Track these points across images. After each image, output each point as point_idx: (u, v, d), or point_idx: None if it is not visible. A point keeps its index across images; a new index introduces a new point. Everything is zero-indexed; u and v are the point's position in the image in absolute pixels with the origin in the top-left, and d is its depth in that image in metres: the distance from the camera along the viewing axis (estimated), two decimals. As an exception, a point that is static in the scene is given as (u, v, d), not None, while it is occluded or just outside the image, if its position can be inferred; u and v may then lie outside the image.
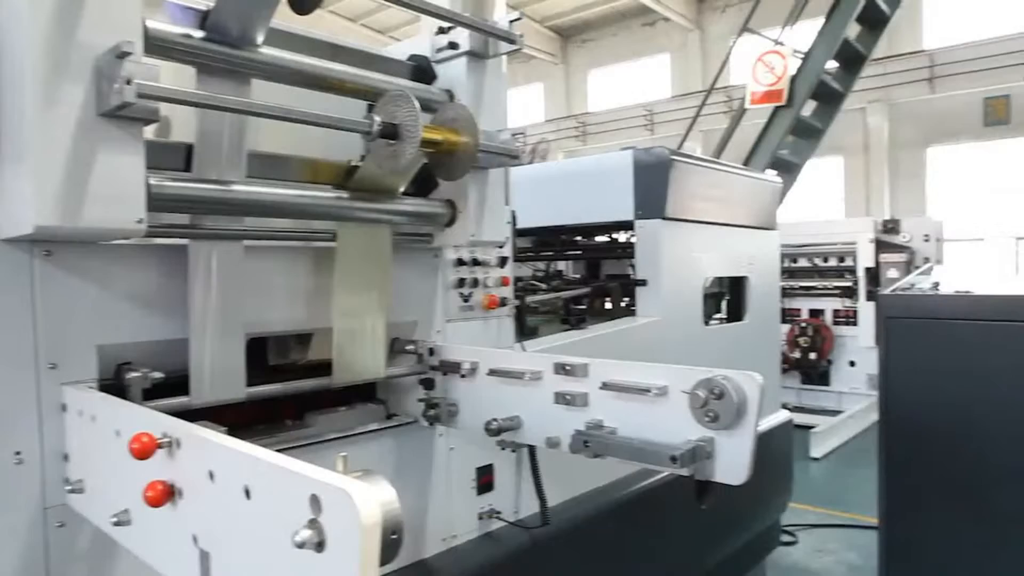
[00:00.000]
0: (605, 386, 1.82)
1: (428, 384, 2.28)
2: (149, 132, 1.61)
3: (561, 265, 4.95)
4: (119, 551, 1.75)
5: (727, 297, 4.58)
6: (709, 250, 4.00)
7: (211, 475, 1.15)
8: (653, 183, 3.63)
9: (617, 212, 3.75)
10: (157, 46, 1.64)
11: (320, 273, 2.13)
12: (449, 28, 2.29)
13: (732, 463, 1.59)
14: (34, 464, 1.65)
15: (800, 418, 6.76)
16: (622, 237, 4.41)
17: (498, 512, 2.70)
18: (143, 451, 1.23)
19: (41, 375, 1.65)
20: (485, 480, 2.67)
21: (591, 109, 23.62)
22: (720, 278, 4.45)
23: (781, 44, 8.41)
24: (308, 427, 2.26)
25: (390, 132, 1.83)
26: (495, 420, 2.03)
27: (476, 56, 2.29)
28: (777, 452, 4.57)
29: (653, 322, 3.57)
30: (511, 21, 2.22)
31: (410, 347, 2.31)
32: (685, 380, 1.68)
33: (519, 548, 2.72)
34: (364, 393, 2.43)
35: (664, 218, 3.61)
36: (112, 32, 1.48)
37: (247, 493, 1.07)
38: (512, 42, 2.23)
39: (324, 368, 2.15)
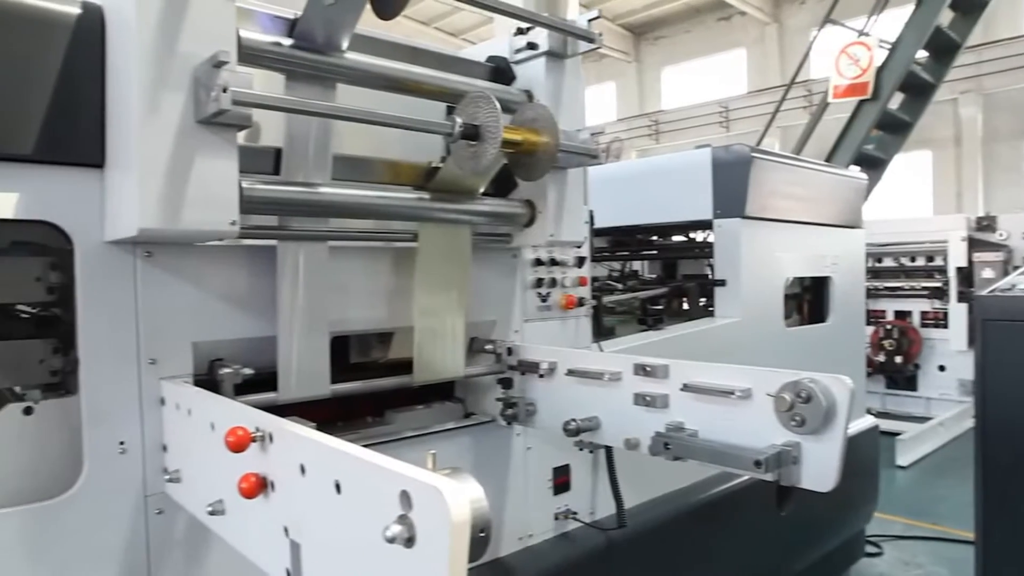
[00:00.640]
0: (686, 388, 1.80)
1: (506, 383, 2.29)
2: (240, 137, 1.67)
3: (636, 265, 4.90)
4: (213, 539, 1.83)
5: (809, 298, 4.44)
6: (790, 249, 3.89)
7: (302, 469, 1.18)
8: (732, 181, 3.56)
9: (695, 211, 3.68)
10: (249, 55, 1.70)
11: (400, 273, 2.18)
12: (528, 29, 2.30)
13: (819, 469, 1.54)
14: (136, 454, 1.74)
15: (885, 424, 6.48)
16: (699, 236, 4.34)
17: (574, 513, 2.70)
18: (238, 444, 1.28)
19: (142, 370, 1.74)
20: (561, 480, 2.67)
21: (664, 107, 23.28)
22: (802, 278, 4.32)
23: (866, 35, 8.08)
24: (388, 424, 2.31)
25: (471, 133, 1.85)
26: (573, 420, 2.02)
27: (555, 56, 2.29)
28: (863, 459, 4.41)
29: (732, 323, 3.49)
30: (589, 20, 2.22)
31: (489, 347, 2.32)
32: (770, 383, 1.63)
33: (595, 549, 2.70)
34: (442, 392, 2.47)
35: (744, 217, 3.53)
36: (209, 43, 1.54)
37: (337, 487, 1.09)
38: (591, 41, 2.22)
39: (403, 367, 2.19)
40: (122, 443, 1.73)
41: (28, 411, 1.70)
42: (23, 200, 1.61)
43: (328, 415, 2.18)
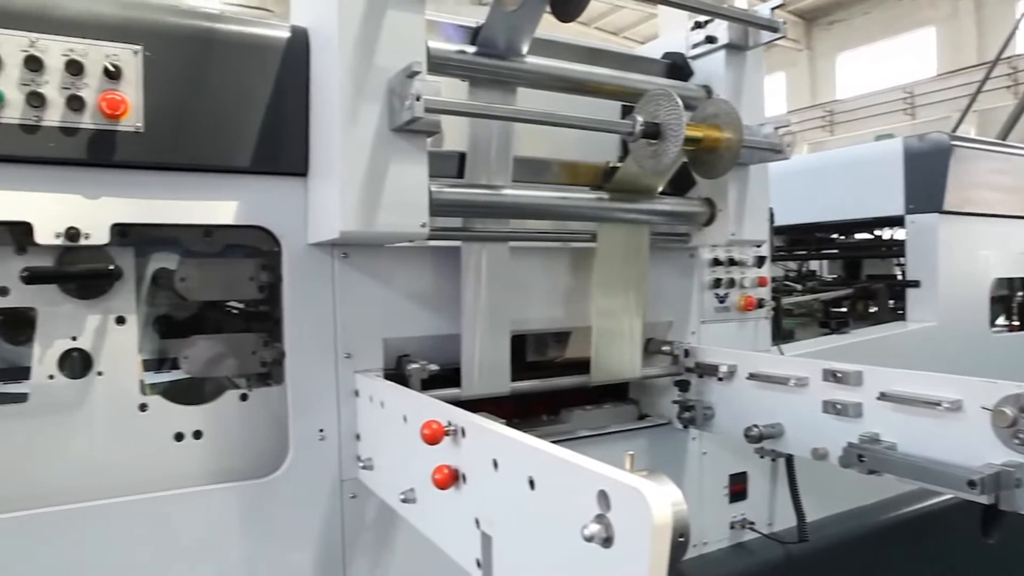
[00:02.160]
0: (883, 396, 1.67)
1: (683, 386, 2.24)
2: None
3: (814, 265, 4.63)
4: (401, 524, 1.93)
5: (1021, 300, 3.98)
6: (997, 247, 3.51)
7: (495, 464, 1.21)
8: (928, 173, 3.27)
9: (883, 207, 3.42)
10: (437, 64, 1.78)
11: (578, 273, 2.19)
12: (706, 22, 2.23)
13: (1049, 495, 1.38)
14: (333, 441, 1.87)
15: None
16: (887, 234, 4.02)
17: (751, 523, 2.59)
18: (433, 437, 1.33)
19: (339, 363, 1.87)
20: (738, 488, 2.57)
21: (839, 96, 21.82)
22: (1010, 279, 3.88)
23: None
24: (563, 423, 2.33)
25: (652, 132, 1.82)
26: (755, 427, 1.94)
27: (735, 48, 2.21)
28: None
29: (928, 328, 3.21)
30: (772, 8, 2.12)
31: (665, 348, 2.28)
32: (986, 394, 1.49)
33: (773, 562, 2.58)
34: (616, 392, 2.46)
35: (942, 212, 3.23)
36: (402, 55, 1.63)
37: (531, 484, 1.11)
38: (774, 30, 2.12)
39: (579, 366, 2.20)
40: (321, 431, 1.86)
41: (244, 398, 1.88)
42: (241, 207, 1.79)
43: (504, 412, 2.24)
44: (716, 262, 2.50)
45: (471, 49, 1.86)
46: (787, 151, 2.14)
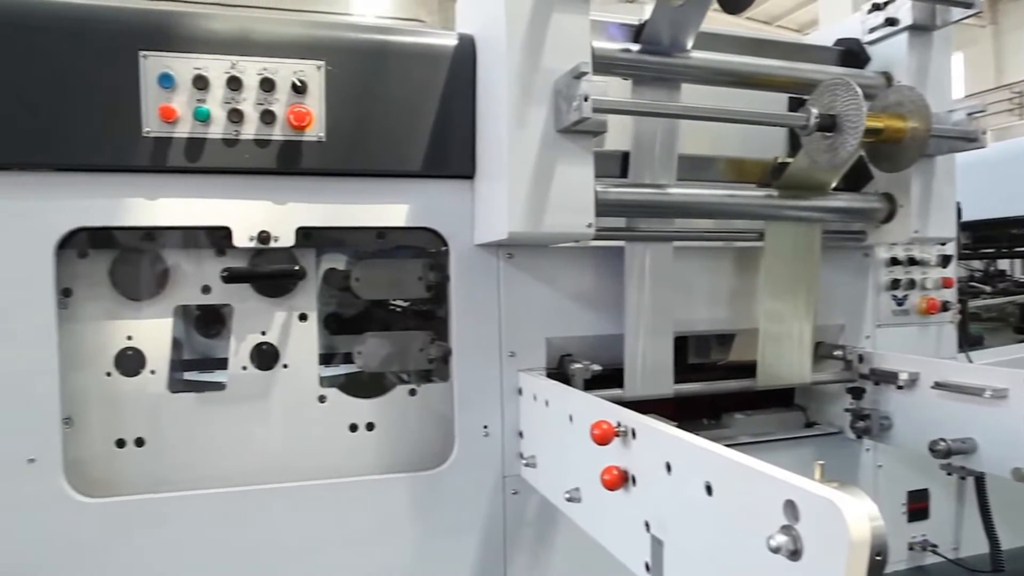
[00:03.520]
0: (1103, 413, 1.49)
1: (857, 393, 2.11)
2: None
3: (1003, 264, 4.20)
4: (561, 522, 1.95)
5: None
6: None
7: (668, 467, 1.19)
8: None
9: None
10: (601, 63, 1.77)
11: (742, 273, 2.12)
12: (886, 3, 2.08)
13: None
14: (496, 437, 1.92)
15: None
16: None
17: (933, 545, 2.39)
18: (603, 437, 1.33)
19: (503, 362, 1.91)
20: (918, 506, 2.38)
21: (1030, 76, 19.68)
22: None
23: None
24: (724, 428, 2.26)
25: (828, 124, 1.72)
26: (943, 440, 1.79)
27: (919, 29, 2.04)
28: None
29: None
30: (967, -20, 1.94)
31: (837, 352, 2.16)
32: None
33: (960, 590, 2.37)
34: (781, 397, 2.35)
35: None
36: (568, 56, 1.64)
37: (708, 489, 1.08)
38: (968, 5, 1.94)
39: (742, 369, 2.13)
40: (485, 427, 1.91)
41: (412, 393, 1.97)
42: (412, 210, 1.87)
43: (663, 414, 2.19)
44: (894, 261, 2.33)
45: (635, 47, 1.85)
46: (982, 139, 1.95)
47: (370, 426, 1.94)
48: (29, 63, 1.61)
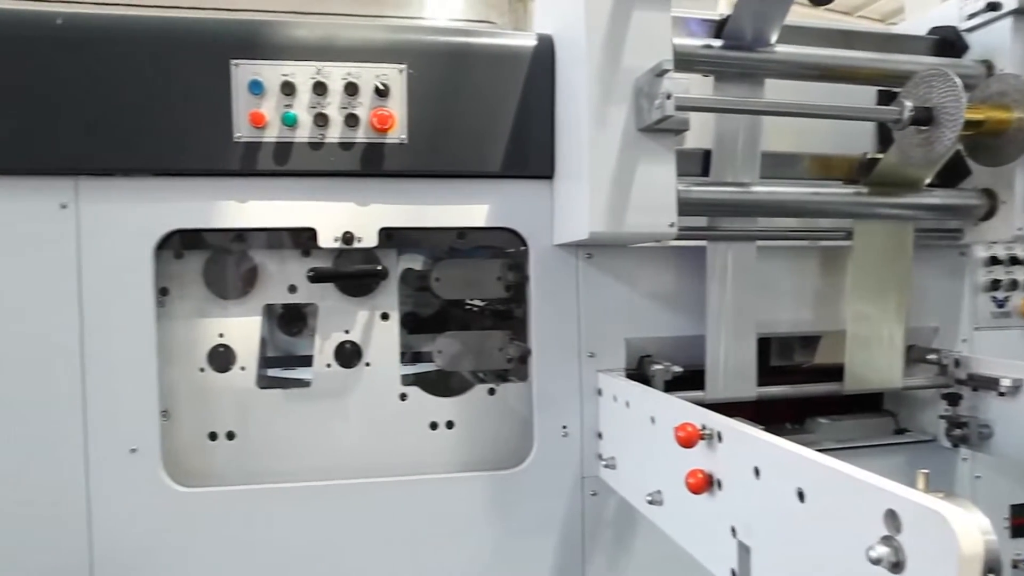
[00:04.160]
0: None
1: (953, 399, 2.01)
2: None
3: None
4: (640, 525, 1.93)
5: None
6: None
7: (756, 472, 1.16)
8: None
9: None
10: (683, 60, 1.74)
11: (828, 273, 2.05)
12: (987, -12, 1.98)
13: None
14: (575, 438, 1.91)
15: None
16: None
17: (1038, 561, 2.26)
18: (688, 440, 1.31)
19: (582, 362, 1.90)
20: (1021, 521, 2.25)
21: None
22: None
23: None
24: (808, 433, 2.19)
25: (923, 117, 1.65)
26: (1050, 450, 1.69)
27: (1024, 15, 1.94)
28: None
29: None
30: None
31: (931, 356, 2.06)
32: None
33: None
34: (869, 402, 2.26)
35: None
36: (649, 54, 1.61)
37: (800, 496, 1.05)
38: (1080, -12, 1.82)
39: (827, 372, 2.06)
40: (564, 427, 1.91)
41: (491, 392, 1.99)
42: (491, 210, 1.88)
43: (744, 417, 2.15)
44: (994, 260, 2.21)
45: (717, 43, 1.81)
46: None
47: (450, 424, 1.96)
48: (130, 75, 1.70)
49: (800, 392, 2.01)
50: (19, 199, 1.70)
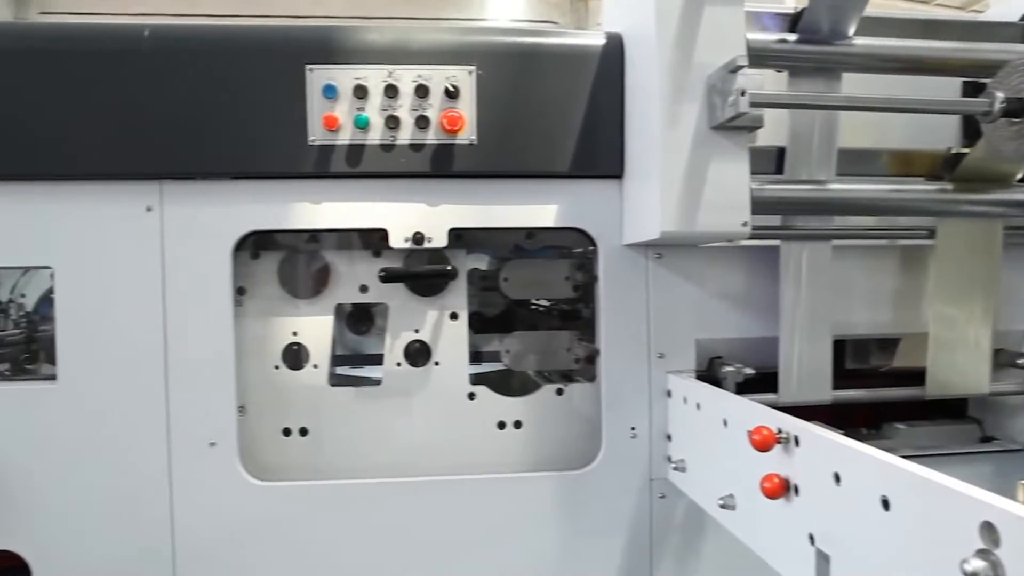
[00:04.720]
0: None
1: (1044, 406, 1.92)
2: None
3: None
4: (709, 529, 1.90)
5: None
6: None
7: (836, 478, 1.13)
8: None
9: None
10: (756, 56, 1.70)
11: (907, 274, 1.98)
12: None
13: None
14: (644, 440, 1.90)
15: None
16: None
17: None
18: (763, 444, 1.28)
19: (651, 363, 1.88)
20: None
21: None
22: None
23: None
24: (885, 439, 2.11)
25: (1016, 108, 1.57)
26: None
27: None
28: None
29: None
30: None
31: (1021, 361, 1.97)
32: None
33: None
34: (951, 408, 2.17)
35: None
36: (721, 50, 1.58)
37: (885, 504, 1.02)
38: None
39: (906, 376, 1.99)
40: (633, 428, 1.89)
41: (559, 392, 1.98)
42: (560, 210, 1.88)
43: (819, 421, 2.09)
44: (1088, 260, 2.09)
45: (791, 37, 1.76)
46: None
47: (518, 424, 1.96)
48: (211, 83, 1.76)
49: (878, 396, 1.95)
50: (109, 202, 1.78)
